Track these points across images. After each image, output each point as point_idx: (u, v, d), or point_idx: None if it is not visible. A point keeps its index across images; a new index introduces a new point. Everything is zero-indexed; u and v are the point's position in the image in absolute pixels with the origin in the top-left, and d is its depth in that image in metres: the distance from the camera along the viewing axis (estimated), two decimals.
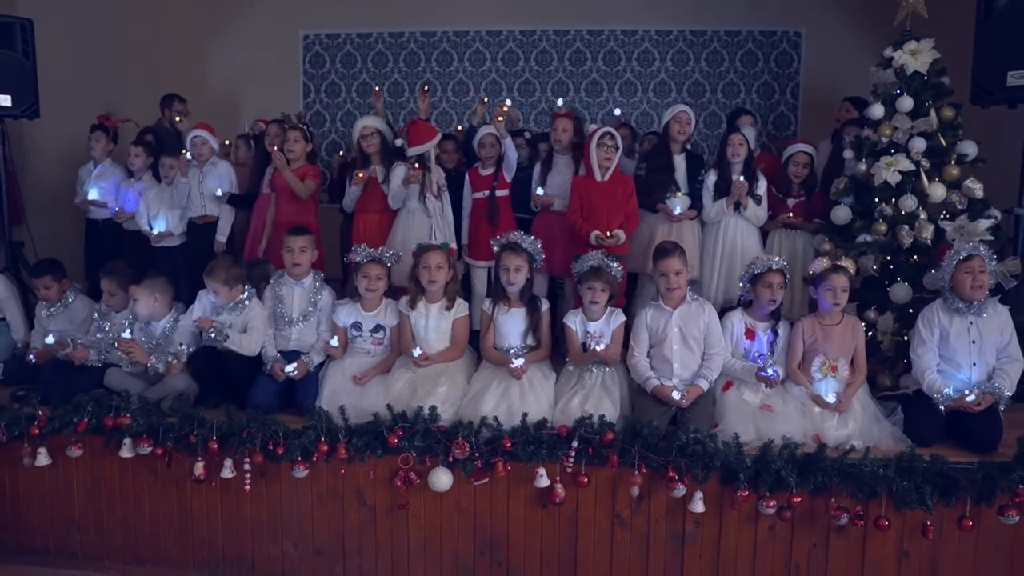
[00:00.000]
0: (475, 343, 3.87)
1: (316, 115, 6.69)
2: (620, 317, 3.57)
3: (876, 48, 4.12)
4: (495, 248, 3.72)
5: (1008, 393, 3.26)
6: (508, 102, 4.81)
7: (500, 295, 3.68)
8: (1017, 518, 2.88)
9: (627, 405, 3.43)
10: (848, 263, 3.47)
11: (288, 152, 4.43)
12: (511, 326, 3.65)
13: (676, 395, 3.29)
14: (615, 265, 3.62)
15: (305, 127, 4.62)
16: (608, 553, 3.17)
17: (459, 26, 6.57)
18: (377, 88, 5.19)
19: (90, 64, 5.78)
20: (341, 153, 4.89)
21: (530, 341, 3.66)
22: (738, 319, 3.54)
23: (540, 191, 4.29)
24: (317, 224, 4.50)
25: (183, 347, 3.61)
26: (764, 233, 4.42)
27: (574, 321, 3.59)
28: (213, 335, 3.53)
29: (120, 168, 5.21)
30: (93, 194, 5.09)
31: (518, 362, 3.41)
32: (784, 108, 6.49)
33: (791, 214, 4.32)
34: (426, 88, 4.86)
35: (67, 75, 5.45)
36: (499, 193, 4.39)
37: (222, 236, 4.75)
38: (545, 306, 3.71)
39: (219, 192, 4.70)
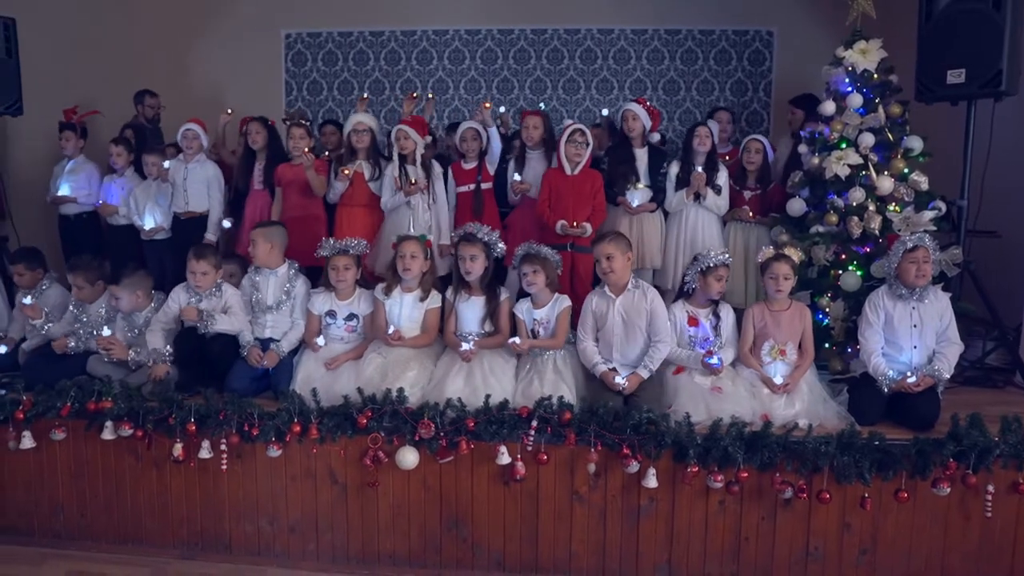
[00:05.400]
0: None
1: (298, 113, 6.80)
2: (565, 302, 3.69)
3: None
4: (454, 239, 3.86)
5: (947, 375, 3.44)
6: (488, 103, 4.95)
7: (461, 284, 3.81)
8: (948, 490, 3.05)
9: (582, 386, 3.56)
10: (792, 252, 3.62)
11: (294, 149, 4.57)
12: (470, 313, 3.78)
13: (619, 380, 3.42)
14: (555, 254, 3.73)
15: (307, 123, 4.75)
16: (567, 527, 3.32)
17: (439, 25, 6.67)
18: (365, 95, 5.34)
19: (72, 62, 5.86)
20: (328, 153, 5.00)
21: (488, 328, 3.78)
22: (680, 309, 3.66)
23: (517, 176, 4.44)
24: (324, 215, 4.65)
25: (167, 348, 3.73)
26: (724, 223, 4.57)
27: (521, 310, 3.73)
28: (201, 324, 3.67)
29: (94, 163, 5.26)
30: (64, 190, 5.13)
31: (466, 346, 3.55)
32: (757, 105, 6.61)
33: (750, 213, 4.48)
34: (414, 95, 4.99)
35: (50, 73, 5.54)
36: (484, 186, 4.53)
37: (212, 235, 4.82)
38: (504, 295, 3.83)
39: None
